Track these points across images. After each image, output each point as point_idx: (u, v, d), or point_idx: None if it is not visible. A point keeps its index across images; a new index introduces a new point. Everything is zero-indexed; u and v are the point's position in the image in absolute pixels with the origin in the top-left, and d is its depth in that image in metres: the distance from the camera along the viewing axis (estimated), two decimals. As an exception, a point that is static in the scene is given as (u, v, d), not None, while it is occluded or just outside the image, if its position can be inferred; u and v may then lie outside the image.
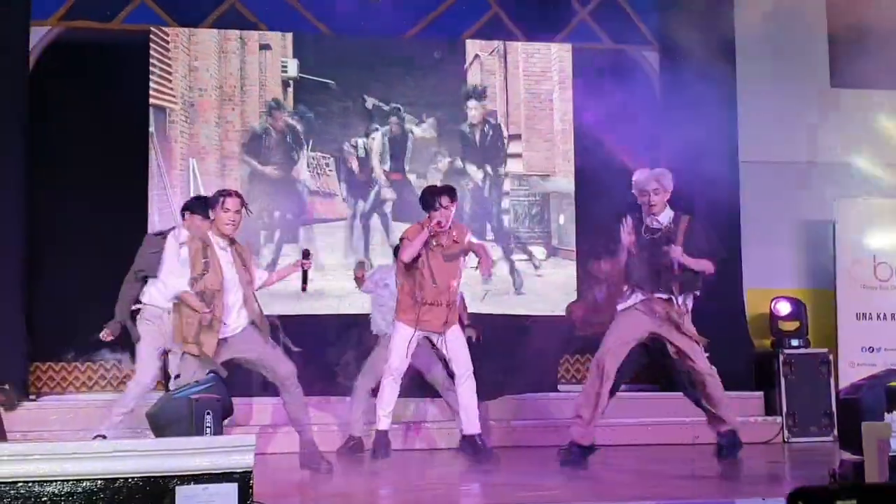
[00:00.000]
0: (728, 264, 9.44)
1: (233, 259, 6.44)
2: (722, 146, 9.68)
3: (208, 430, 4.91)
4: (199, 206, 6.88)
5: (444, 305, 7.14)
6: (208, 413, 5.03)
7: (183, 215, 7.06)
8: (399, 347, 7.11)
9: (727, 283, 9.43)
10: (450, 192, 7.25)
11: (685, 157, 9.59)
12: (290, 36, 9.54)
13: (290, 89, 9.52)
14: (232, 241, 6.50)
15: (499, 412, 8.55)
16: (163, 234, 7.12)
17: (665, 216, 6.94)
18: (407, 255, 7.10)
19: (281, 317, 7.62)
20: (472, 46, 9.84)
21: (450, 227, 7.18)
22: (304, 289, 6.79)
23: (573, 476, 6.43)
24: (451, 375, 7.35)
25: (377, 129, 9.58)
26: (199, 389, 5.39)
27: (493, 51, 9.84)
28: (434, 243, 7.14)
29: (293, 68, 9.52)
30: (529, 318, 9.34)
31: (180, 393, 5.09)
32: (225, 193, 6.47)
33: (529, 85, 9.90)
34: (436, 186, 7.53)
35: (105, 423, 6.91)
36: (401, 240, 7.37)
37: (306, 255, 6.75)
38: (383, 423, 7.16)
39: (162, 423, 4.93)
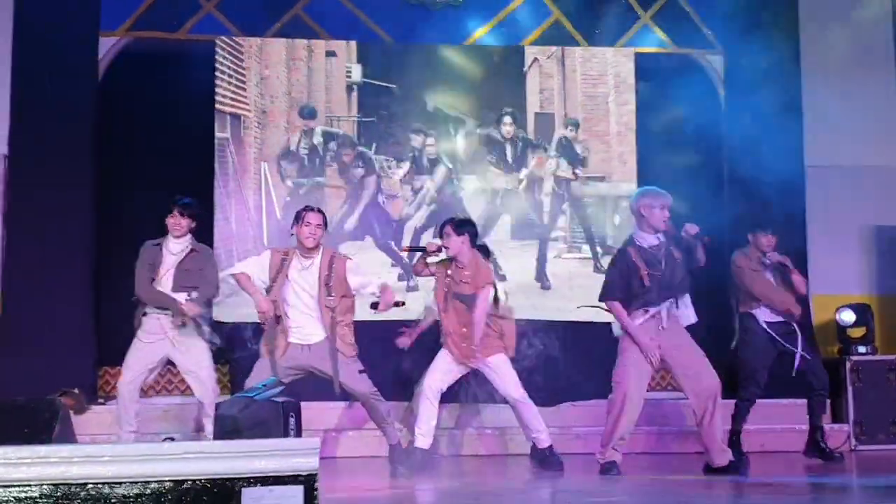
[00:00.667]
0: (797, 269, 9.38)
1: (318, 274, 6.68)
2: (787, 150, 9.57)
3: (292, 432, 4.97)
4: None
5: (461, 340, 7.09)
6: (292, 416, 5.10)
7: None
8: (438, 368, 7.12)
9: (793, 290, 9.33)
10: (450, 222, 7.21)
11: (750, 162, 9.53)
12: (353, 44, 9.62)
13: (354, 94, 9.59)
14: (331, 258, 6.76)
15: (561, 419, 8.52)
16: (158, 245, 7.31)
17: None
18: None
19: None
20: (530, 52, 9.86)
21: (462, 265, 7.10)
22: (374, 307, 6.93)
23: (640, 484, 6.40)
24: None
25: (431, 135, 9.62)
26: (273, 392, 5.45)
27: (550, 55, 9.82)
28: (447, 276, 7.14)
29: (357, 73, 9.59)
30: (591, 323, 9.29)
31: (255, 394, 5.14)
32: (306, 209, 6.82)
33: (586, 89, 9.86)
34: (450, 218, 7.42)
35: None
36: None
37: (399, 304, 7.06)
38: (421, 442, 7.01)
39: (247, 426, 4.98)
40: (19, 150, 8.91)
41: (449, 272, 7.12)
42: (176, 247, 7.27)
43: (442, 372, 7.08)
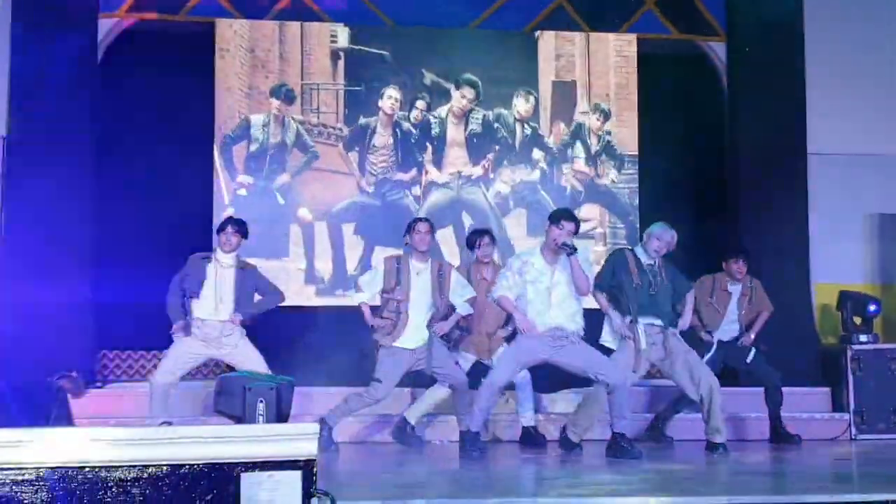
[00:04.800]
0: (796, 258, 9.36)
1: (430, 280, 7.32)
2: (790, 138, 9.56)
3: (261, 417, 4.98)
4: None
5: (483, 335, 7.78)
6: (261, 401, 5.11)
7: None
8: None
9: (794, 277, 9.33)
10: (488, 233, 8.02)
11: (752, 149, 9.51)
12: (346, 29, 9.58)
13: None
14: (439, 268, 7.41)
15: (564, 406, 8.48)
16: (207, 258, 7.35)
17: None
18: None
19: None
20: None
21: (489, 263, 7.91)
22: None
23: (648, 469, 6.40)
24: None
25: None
26: (265, 383, 5.46)
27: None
28: (479, 277, 7.78)
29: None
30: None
31: (253, 380, 5.18)
32: (417, 220, 7.51)
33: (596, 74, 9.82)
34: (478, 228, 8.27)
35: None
36: None
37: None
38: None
39: (219, 389, 5.14)
40: (18, 131, 8.86)
41: (484, 276, 7.80)
42: (227, 261, 7.36)
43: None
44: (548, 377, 7.90)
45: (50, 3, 8.89)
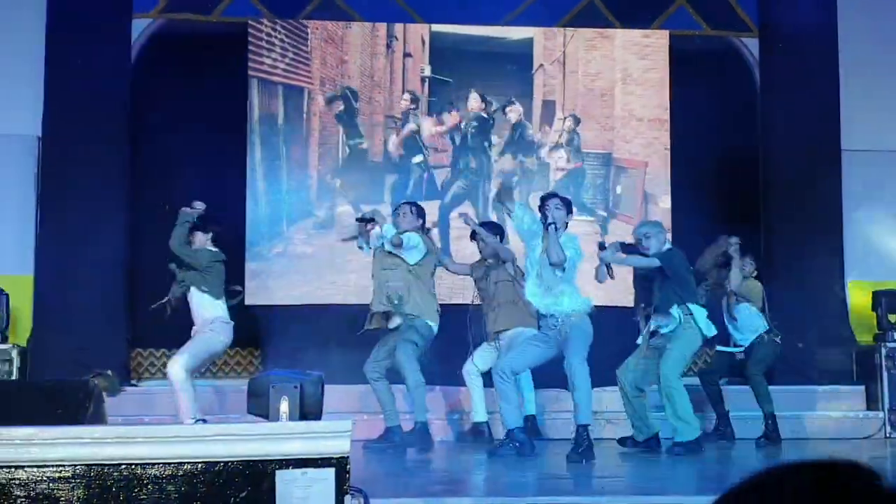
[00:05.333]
0: (830, 256, 9.29)
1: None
2: (823, 134, 9.48)
3: (283, 416, 4.99)
4: None
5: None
6: (284, 399, 5.12)
7: None
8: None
9: (828, 275, 9.26)
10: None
11: (785, 146, 9.44)
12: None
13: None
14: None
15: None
16: None
17: None
18: None
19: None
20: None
21: None
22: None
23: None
24: None
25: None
26: (294, 377, 5.48)
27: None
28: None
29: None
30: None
31: (280, 373, 5.18)
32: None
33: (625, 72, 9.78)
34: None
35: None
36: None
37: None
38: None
39: (250, 392, 5.15)
40: (53, 131, 8.94)
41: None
42: None
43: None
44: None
45: (84, 4, 8.97)
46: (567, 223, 6.79)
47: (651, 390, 7.22)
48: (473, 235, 7.93)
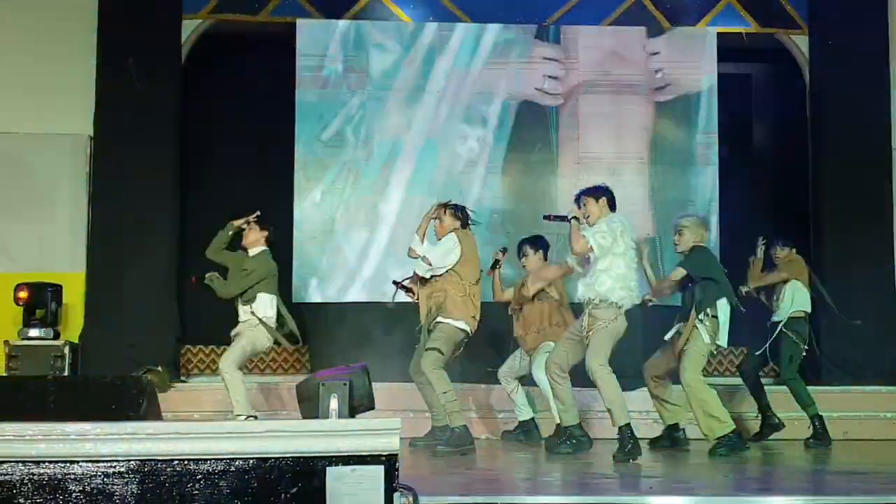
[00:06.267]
0: (880, 259, 9.19)
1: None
2: (874, 133, 9.37)
3: (333, 413, 5.00)
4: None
5: None
6: (333, 397, 5.14)
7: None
8: None
9: (880, 271, 9.15)
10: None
11: (834, 143, 9.34)
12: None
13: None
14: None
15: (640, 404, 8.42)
16: None
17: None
18: None
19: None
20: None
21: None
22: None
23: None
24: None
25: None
26: (339, 374, 5.50)
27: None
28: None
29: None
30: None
31: (327, 372, 5.20)
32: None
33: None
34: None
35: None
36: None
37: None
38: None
39: (301, 397, 5.14)
40: (105, 131, 9.05)
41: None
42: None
43: None
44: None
45: (135, 4, 9.07)
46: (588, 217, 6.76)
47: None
48: None
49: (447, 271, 7.06)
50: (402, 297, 7.47)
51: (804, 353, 8.01)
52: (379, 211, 9.38)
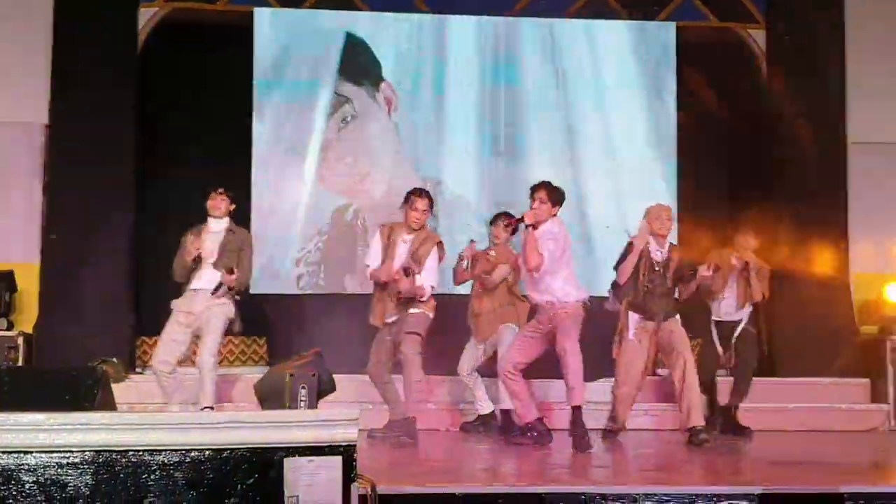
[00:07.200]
0: (835, 248, 9.28)
1: (409, 252, 7.02)
2: (830, 126, 9.45)
3: (303, 403, 4.98)
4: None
5: None
6: (303, 387, 5.12)
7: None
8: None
9: (834, 267, 9.24)
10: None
11: (791, 138, 9.42)
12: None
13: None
14: (426, 235, 7.10)
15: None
16: (199, 230, 7.33)
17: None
18: None
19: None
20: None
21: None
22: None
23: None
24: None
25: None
26: (298, 364, 5.48)
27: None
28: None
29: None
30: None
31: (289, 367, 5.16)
32: (416, 193, 7.09)
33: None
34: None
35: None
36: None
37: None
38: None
39: (263, 395, 5.07)
40: (60, 119, 8.94)
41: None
42: (216, 226, 7.28)
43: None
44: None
45: (91, -10, 8.98)
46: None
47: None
48: None
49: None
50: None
51: None
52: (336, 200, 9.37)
